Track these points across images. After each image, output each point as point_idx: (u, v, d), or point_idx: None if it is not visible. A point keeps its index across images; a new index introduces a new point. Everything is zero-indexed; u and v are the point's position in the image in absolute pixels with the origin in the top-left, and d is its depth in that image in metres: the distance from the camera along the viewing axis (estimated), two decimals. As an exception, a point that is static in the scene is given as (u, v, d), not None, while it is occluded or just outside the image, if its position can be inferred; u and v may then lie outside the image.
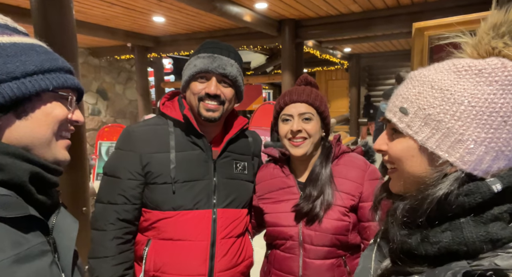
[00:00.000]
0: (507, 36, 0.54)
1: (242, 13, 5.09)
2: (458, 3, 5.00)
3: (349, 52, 9.87)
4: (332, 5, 5.28)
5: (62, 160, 0.72)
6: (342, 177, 1.18)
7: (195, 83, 1.17)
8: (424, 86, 0.57)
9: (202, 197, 1.16)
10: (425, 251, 0.53)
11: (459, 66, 0.56)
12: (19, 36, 0.69)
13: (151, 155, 1.15)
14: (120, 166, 1.16)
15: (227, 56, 1.17)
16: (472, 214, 0.51)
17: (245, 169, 1.28)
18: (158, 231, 1.15)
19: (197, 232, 1.14)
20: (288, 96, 1.19)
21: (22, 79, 0.64)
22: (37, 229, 0.65)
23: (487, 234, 0.50)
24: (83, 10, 5.22)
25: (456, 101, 0.53)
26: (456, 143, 0.53)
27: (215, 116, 1.16)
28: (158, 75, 8.83)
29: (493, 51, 0.56)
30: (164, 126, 1.20)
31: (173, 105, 1.24)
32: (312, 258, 1.15)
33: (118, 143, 1.21)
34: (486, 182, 0.51)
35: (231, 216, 1.20)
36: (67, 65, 0.73)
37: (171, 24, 6.34)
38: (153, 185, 1.15)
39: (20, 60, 0.65)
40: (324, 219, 1.13)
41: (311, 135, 1.15)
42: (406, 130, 0.58)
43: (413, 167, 0.58)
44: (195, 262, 1.14)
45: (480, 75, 0.54)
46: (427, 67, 0.61)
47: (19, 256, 0.60)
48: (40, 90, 0.66)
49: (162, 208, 1.14)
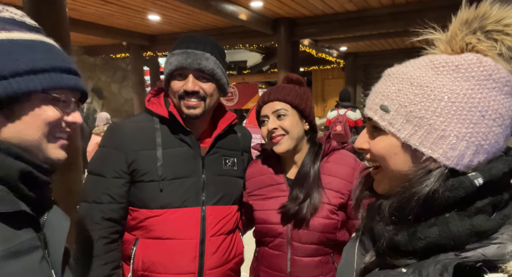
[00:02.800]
0: (479, 31, 0.55)
1: (237, 11, 5.08)
2: (451, 2, 5.01)
3: (345, 51, 9.89)
4: (328, 4, 5.28)
5: (55, 159, 0.71)
6: (331, 175, 1.18)
7: (174, 81, 1.15)
8: (404, 83, 0.57)
9: (191, 195, 1.15)
10: (413, 247, 0.54)
11: (436, 63, 0.56)
12: (21, 32, 0.66)
13: (137, 153, 1.13)
14: (104, 165, 1.14)
15: (202, 50, 1.13)
16: (456, 209, 0.52)
17: (235, 165, 1.26)
18: (146, 230, 1.13)
19: (186, 230, 1.13)
20: (261, 98, 1.21)
21: (11, 79, 0.62)
22: (28, 225, 0.65)
23: (472, 227, 0.51)
24: (78, 8, 5.18)
25: (436, 98, 0.54)
26: (438, 139, 0.54)
27: (197, 113, 1.14)
28: (154, 73, 8.80)
29: (467, 46, 0.56)
30: (150, 122, 1.17)
31: (159, 101, 1.22)
32: (300, 256, 1.15)
33: (102, 141, 1.19)
34: (468, 176, 0.52)
35: (221, 213, 1.19)
36: (66, 64, 0.70)
37: (167, 23, 6.31)
38: (140, 183, 1.13)
39: (12, 59, 0.63)
40: (313, 217, 1.13)
41: (288, 130, 1.15)
42: (388, 128, 0.57)
43: (397, 165, 0.58)
44: (185, 261, 1.12)
45: (457, 71, 0.54)
46: (404, 64, 0.61)
47: (9, 251, 0.59)
48: (27, 91, 0.63)
49: (149, 206, 1.13)
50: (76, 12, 5.32)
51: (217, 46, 1.19)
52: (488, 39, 0.55)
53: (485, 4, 0.56)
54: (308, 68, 11.43)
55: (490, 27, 0.55)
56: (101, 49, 8.31)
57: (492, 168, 0.53)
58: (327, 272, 1.16)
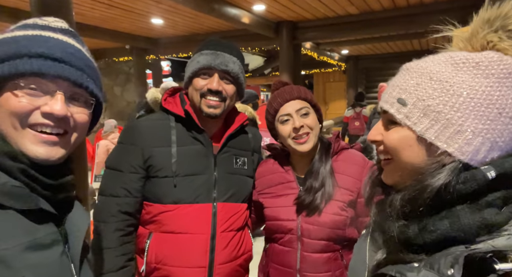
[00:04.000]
0: (500, 30, 0.56)
1: (240, 15, 5.12)
2: (453, 5, 5.05)
3: (346, 54, 9.93)
4: (330, 7, 5.32)
5: (32, 156, 0.64)
6: (341, 172, 1.20)
7: (198, 79, 1.18)
8: (423, 77, 0.58)
9: (202, 191, 1.18)
10: (424, 240, 0.54)
11: (456, 59, 0.57)
12: (26, 31, 0.66)
13: (152, 149, 1.16)
14: (122, 160, 1.18)
15: (229, 53, 1.19)
16: (467, 202, 0.53)
17: (245, 164, 1.29)
18: (159, 224, 1.17)
19: (197, 226, 1.16)
20: (279, 97, 1.21)
21: None
22: (49, 220, 0.66)
23: (483, 219, 0.51)
24: (82, 12, 5.24)
25: (455, 93, 0.54)
26: (455, 134, 0.54)
27: (217, 112, 1.18)
28: (156, 77, 8.84)
29: (488, 45, 0.57)
30: (166, 121, 1.21)
31: (174, 100, 1.26)
32: (309, 252, 1.17)
33: (120, 138, 1.23)
34: (481, 169, 0.53)
35: (231, 210, 1.21)
36: (44, 50, 0.63)
37: (170, 26, 6.36)
38: (155, 179, 1.16)
39: None
40: (323, 213, 1.15)
41: (312, 128, 1.18)
42: (405, 120, 0.57)
43: (410, 157, 0.58)
44: (196, 255, 1.15)
45: (477, 68, 0.55)
46: (423, 59, 0.61)
47: (31, 244, 0.61)
48: None
49: (163, 201, 1.16)
50: (81, 16, 5.37)
51: (240, 53, 1.25)
52: (509, 38, 0.56)
53: (509, 4, 0.56)
54: (309, 71, 11.48)
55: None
56: (104, 52, 8.37)
57: (505, 162, 0.53)
58: (336, 268, 1.17)
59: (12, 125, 0.63)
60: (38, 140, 0.64)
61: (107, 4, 4.96)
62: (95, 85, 0.71)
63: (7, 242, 0.58)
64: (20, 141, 0.64)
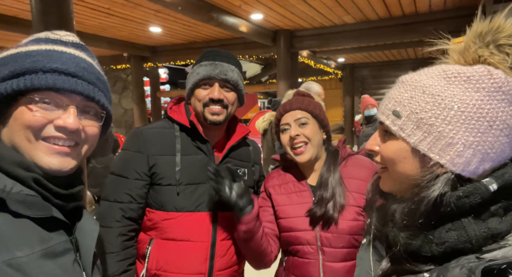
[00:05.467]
0: (492, 44, 0.58)
1: (238, 23, 5.18)
2: (448, 14, 5.14)
3: (343, 62, 10.02)
4: (326, 16, 5.40)
5: (46, 167, 0.66)
6: (352, 177, 1.20)
7: (199, 90, 1.22)
8: (416, 90, 0.60)
9: (204, 200, 1.20)
10: (431, 252, 0.55)
11: (448, 73, 0.59)
12: (39, 45, 0.68)
13: (157, 157, 1.19)
14: (127, 166, 1.19)
15: (227, 62, 1.23)
16: (471, 214, 0.55)
17: (245, 175, 1.32)
18: (161, 231, 1.19)
19: (198, 234, 1.19)
20: (282, 107, 1.26)
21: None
22: (60, 228, 0.68)
23: (488, 230, 0.53)
24: (81, 21, 5.27)
25: (446, 106, 0.56)
26: (446, 146, 0.56)
27: (220, 119, 1.22)
28: (154, 84, 8.86)
29: (479, 59, 0.59)
30: (171, 129, 1.24)
31: (179, 109, 1.29)
32: (332, 261, 1.15)
33: (126, 144, 1.24)
34: (483, 182, 0.54)
35: (230, 220, 1.23)
36: (58, 65, 0.65)
37: (168, 34, 6.41)
38: (158, 186, 1.19)
39: (4, 67, 0.65)
40: (340, 220, 1.14)
41: (310, 138, 1.19)
42: (399, 132, 0.60)
43: (404, 168, 0.60)
44: (196, 262, 1.18)
45: (468, 82, 0.57)
46: (418, 72, 0.63)
47: (46, 252, 0.62)
48: (4, 93, 0.63)
49: (165, 208, 1.18)
50: (79, 24, 5.40)
51: (238, 61, 1.29)
52: (500, 52, 0.57)
53: (500, 18, 0.58)
54: (306, 79, 11.54)
55: (502, 41, 0.57)
56: (102, 60, 8.39)
57: (504, 174, 0.55)
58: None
59: (26, 138, 0.65)
60: (52, 151, 0.66)
61: (106, 13, 5.00)
62: (106, 98, 0.74)
63: (23, 250, 0.60)
64: (33, 153, 0.66)
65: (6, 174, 0.63)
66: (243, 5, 4.70)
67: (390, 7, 5.03)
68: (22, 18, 4.96)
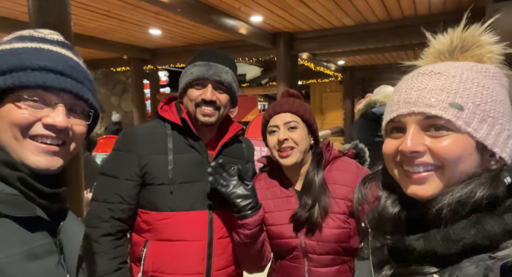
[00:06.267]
0: (467, 51, 0.62)
1: (237, 26, 5.18)
2: (448, 17, 5.14)
3: (343, 64, 10.03)
4: (326, 19, 5.40)
5: (33, 166, 0.65)
6: (336, 183, 1.19)
7: (192, 90, 1.21)
8: (467, 82, 0.55)
9: (198, 199, 1.19)
10: (448, 250, 0.52)
11: (479, 68, 0.58)
12: (24, 43, 0.67)
13: (149, 157, 1.17)
14: (118, 167, 1.18)
15: (222, 63, 1.22)
16: (486, 209, 0.53)
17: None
18: (156, 232, 1.17)
19: (194, 233, 1.17)
20: (271, 108, 1.22)
21: None
22: (44, 230, 0.66)
23: (505, 225, 0.51)
24: (81, 23, 5.27)
25: (497, 99, 0.56)
26: (506, 139, 0.55)
27: (212, 121, 1.21)
28: (154, 87, 8.88)
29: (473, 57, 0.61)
30: (162, 128, 1.23)
31: (170, 109, 1.28)
32: (317, 267, 1.16)
33: (116, 145, 1.23)
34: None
35: (227, 217, 1.23)
36: (46, 63, 0.65)
37: (168, 37, 6.41)
38: (150, 186, 1.17)
39: None
40: (325, 228, 1.13)
41: (298, 143, 1.16)
42: (465, 127, 0.54)
43: (467, 165, 0.55)
44: (193, 262, 1.16)
45: (496, 78, 0.59)
46: (439, 66, 0.59)
47: (28, 253, 0.61)
48: None
49: (159, 209, 1.17)
50: (78, 27, 5.41)
51: (233, 62, 1.27)
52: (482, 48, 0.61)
53: (455, 32, 0.62)
54: (306, 82, 11.55)
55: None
56: (102, 62, 8.40)
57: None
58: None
59: (13, 136, 0.65)
60: (39, 150, 0.66)
61: (105, 15, 5.00)
62: (93, 97, 0.73)
63: (3, 252, 0.58)
64: (20, 151, 0.65)
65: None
66: (242, 7, 4.70)
67: (390, 9, 5.03)
68: (22, 21, 4.96)
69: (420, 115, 0.56)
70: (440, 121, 0.55)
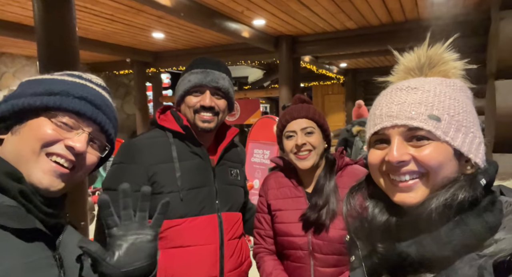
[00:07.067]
0: (435, 67, 0.67)
1: (240, 29, 5.20)
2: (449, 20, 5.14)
3: (345, 67, 10.03)
4: (328, 22, 5.41)
5: (38, 184, 0.67)
6: (346, 187, 1.18)
7: (190, 97, 1.23)
8: (440, 95, 0.61)
9: (207, 203, 1.21)
10: (441, 253, 0.55)
11: (448, 82, 0.64)
12: (72, 78, 0.75)
13: (156, 166, 1.18)
14: (124, 179, 1.13)
15: (218, 70, 1.25)
16: (466, 210, 0.56)
17: (238, 175, 1.36)
18: (167, 240, 1.17)
19: (205, 236, 1.19)
20: (288, 114, 1.28)
21: (24, 98, 0.69)
22: (43, 243, 0.67)
23: (486, 223, 0.55)
24: (84, 27, 5.31)
25: (467, 110, 0.61)
26: (478, 145, 0.61)
27: (211, 126, 1.23)
28: (156, 89, 8.90)
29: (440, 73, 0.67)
30: (164, 138, 1.24)
31: (167, 118, 1.29)
32: (323, 267, 1.20)
33: (118, 157, 1.22)
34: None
35: (233, 219, 1.26)
36: (85, 94, 0.73)
37: (171, 40, 6.44)
38: (160, 195, 1.17)
39: (40, 86, 0.72)
40: (331, 229, 1.18)
41: (315, 146, 1.23)
42: (443, 136, 0.59)
43: (448, 170, 0.59)
44: (207, 265, 1.18)
45: (463, 90, 0.64)
46: (414, 81, 0.65)
47: (29, 265, 0.61)
48: (27, 106, 0.68)
49: (169, 217, 1.17)
50: (82, 30, 5.44)
51: (228, 69, 1.31)
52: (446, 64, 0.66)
53: (420, 51, 0.68)
54: (308, 84, 11.56)
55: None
56: (105, 65, 8.44)
57: (488, 170, 0.60)
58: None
59: (33, 149, 0.68)
60: (49, 168, 0.69)
61: (109, 19, 5.04)
62: (114, 134, 0.81)
63: (1, 263, 0.59)
64: (32, 165, 0.67)
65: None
66: (245, 11, 4.72)
67: (392, 12, 5.04)
68: (26, 24, 4.99)
69: (403, 127, 0.60)
70: (421, 132, 0.60)
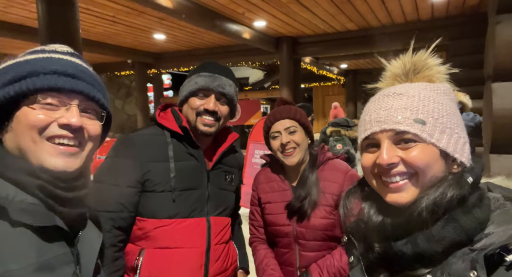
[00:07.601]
0: (419, 73, 0.71)
1: (241, 30, 5.23)
2: (448, 22, 5.17)
3: (345, 68, 10.07)
4: (329, 23, 5.44)
5: (51, 168, 0.65)
6: (326, 180, 1.35)
7: (194, 98, 1.23)
8: (425, 100, 0.64)
9: (197, 206, 1.21)
10: (435, 250, 0.58)
11: (431, 86, 0.67)
12: (36, 55, 0.70)
13: (150, 164, 1.17)
14: (118, 174, 1.15)
15: (226, 76, 1.25)
16: (456, 207, 0.59)
17: (232, 180, 1.36)
18: (153, 240, 1.16)
19: (193, 239, 1.18)
20: (272, 116, 1.37)
21: (0, 90, 0.66)
22: (61, 240, 0.66)
23: (476, 219, 0.58)
24: (86, 28, 5.34)
25: (451, 112, 0.65)
26: (463, 145, 0.64)
27: (211, 131, 1.23)
28: (157, 90, 8.93)
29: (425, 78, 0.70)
30: (162, 136, 1.23)
31: (167, 116, 1.28)
32: (306, 251, 1.33)
33: (114, 151, 1.20)
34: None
35: (222, 224, 1.26)
36: (57, 67, 0.68)
37: (172, 41, 6.47)
38: (151, 193, 1.16)
39: (5, 75, 0.67)
40: (312, 217, 1.31)
41: (299, 144, 1.33)
42: (429, 138, 0.62)
43: (435, 170, 0.62)
44: (192, 268, 1.16)
45: (447, 94, 0.67)
46: (399, 88, 0.68)
47: (42, 264, 0.61)
48: (2, 97, 0.65)
49: (158, 216, 1.16)
50: (84, 32, 5.47)
51: (235, 77, 1.32)
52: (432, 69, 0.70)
53: (406, 57, 0.72)
54: (309, 85, 11.59)
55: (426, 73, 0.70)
56: (106, 67, 8.47)
57: (474, 168, 0.64)
58: None
59: (31, 138, 0.66)
60: (57, 152, 0.67)
61: (111, 21, 5.07)
62: (104, 98, 0.75)
63: (18, 263, 0.59)
64: (39, 154, 0.66)
65: (10, 182, 0.63)
66: (246, 12, 4.75)
67: (392, 14, 5.07)
68: (29, 26, 5.03)
69: (391, 132, 0.64)
70: (408, 135, 0.63)
